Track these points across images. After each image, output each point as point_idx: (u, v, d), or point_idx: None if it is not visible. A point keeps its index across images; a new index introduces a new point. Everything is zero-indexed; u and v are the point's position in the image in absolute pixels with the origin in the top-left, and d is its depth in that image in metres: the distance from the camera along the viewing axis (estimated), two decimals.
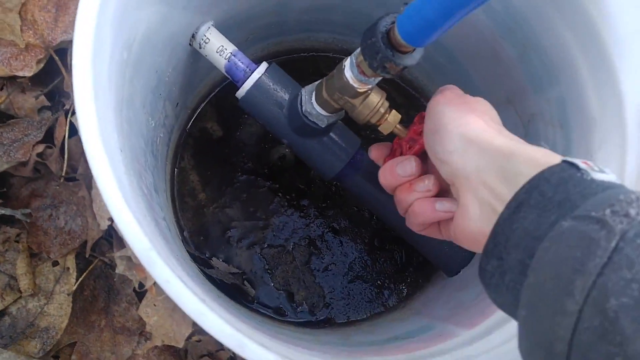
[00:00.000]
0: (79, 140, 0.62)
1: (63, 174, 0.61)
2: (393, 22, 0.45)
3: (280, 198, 0.77)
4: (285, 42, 0.79)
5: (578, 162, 0.35)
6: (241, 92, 0.60)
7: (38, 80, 0.65)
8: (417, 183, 0.49)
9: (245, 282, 0.72)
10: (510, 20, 0.59)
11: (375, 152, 0.57)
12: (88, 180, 0.60)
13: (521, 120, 0.64)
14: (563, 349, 0.28)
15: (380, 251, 0.76)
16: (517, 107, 0.65)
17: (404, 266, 0.76)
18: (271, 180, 0.77)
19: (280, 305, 0.73)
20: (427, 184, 0.49)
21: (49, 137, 0.63)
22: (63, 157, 0.61)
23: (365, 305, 0.74)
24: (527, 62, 0.61)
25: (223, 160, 0.78)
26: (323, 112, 0.58)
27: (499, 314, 0.51)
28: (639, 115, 0.48)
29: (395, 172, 0.51)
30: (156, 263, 0.32)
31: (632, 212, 0.29)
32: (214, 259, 0.72)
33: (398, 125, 0.55)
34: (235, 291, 0.71)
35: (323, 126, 0.59)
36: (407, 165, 0.50)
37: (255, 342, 0.34)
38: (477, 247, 0.41)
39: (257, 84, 0.60)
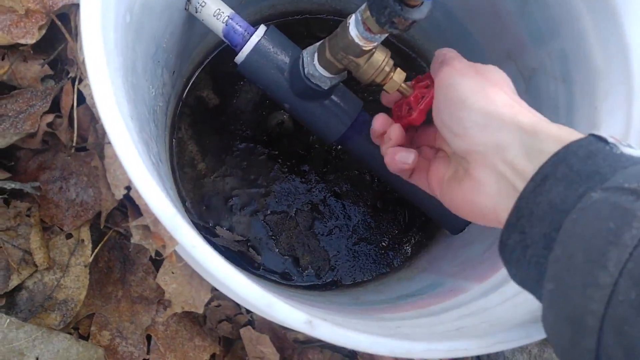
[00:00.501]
0: (88, 109, 0.60)
1: (74, 144, 0.59)
2: None
3: (280, 164, 0.77)
4: (278, 5, 0.78)
5: (606, 136, 0.34)
6: (240, 57, 0.59)
7: (40, 47, 0.63)
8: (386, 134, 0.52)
9: (251, 249, 0.72)
10: None
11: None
12: (100, 150, 0.59)
13: (522, 75, 0.64)
14: (595, 323, 0.27)
15: (383, 213, 0.77)
16: (518, 62, 0.65)
17: (407, 227, 0.77)
18: (270, 147, 0.77)
19: (287, 270, 0.73)
20: (389, 133, 0.52)
21: (55, 107, 0.61)
22: (72, 127, 0.60)
23: (371, 266, 0.75)
24: (528, 16, 0.60)
25: (221, 128, 0.77)
26: (326, 74, 0.57)
27: None
28: None
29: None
30: (182, 227, 0.32)
31: None
32: (217, 227, 0.72)
33: (403, 84, 0.55)
34: (241, 258, 0.71)
35: (326, 88, 0.58)
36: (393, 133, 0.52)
37: (282, 301, 0.34)
38: (481, 221, 0.42)
39: (257, 47, 0.59)
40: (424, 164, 0.51)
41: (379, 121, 0.54)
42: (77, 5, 0.46)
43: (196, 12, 0.58)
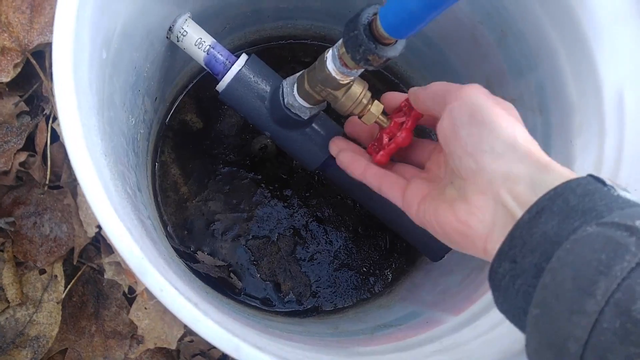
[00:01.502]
0: (61, 146, 0.60)
1: (47, 182, 0.59)
2: (375, 14, 0.45)
3: (263, 189, 0.77)
4: (262, 30, 0.79)
5: (605, 178, 0.35)
6: (221, 86, 0.60)
7: (15, 84, 0.63)
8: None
9: (232, 275, 0.72)
10: (489, 5, 0.59)
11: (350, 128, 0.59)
12: (73, 187, 0.59)
13: None
14: (577, 350, 0.28)
15: (365, 238, 0.77)
16: (497, 92, 0.64)
17: (388, 252, 0.77)
18: (253, 171, 0.77)
19: (268, 296, 0.73)
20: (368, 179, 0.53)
21: (29, 144, 0.61)
22: (45, 164, 0.60)
23: (352, 292, 0.75)
24: (506, 47, 0.61)
25: (204, 152, 0.77)
26: (305, 104, 0.57)
27: (485, 299, 0.52)
28: (617, 102, 0.49)
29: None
30: (148, 272, 0.32)
31: None
32: (199, 252, 0.72)
33: (380, 116, 0.55)
34: (222, 284, 0.71)
35: (305, 118, 0.59)
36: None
37: (249, 344, 0.34)
38: (466, 246, 0.42)
39: (238, 76, 0.59)
40: (400, 180, 0.51)
41: (341, 158, 0.56)
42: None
43: (177, 41, 0.59)
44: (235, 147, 0.78)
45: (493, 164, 0.39)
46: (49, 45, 0.63)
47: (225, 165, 0.77)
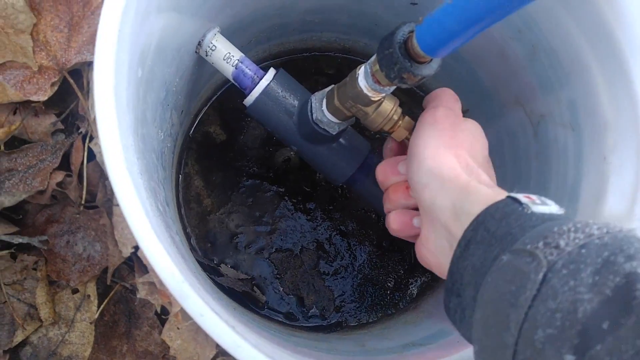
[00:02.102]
0: (97, 166, 0.60)
1: (83, 202, 0.59)
2: (411, 32, 0.45)
3: (286, 202, 0.76)
4: (287, 42, 0.78)
5: (520, 196, 0.36)
6: (249, 100, 0.59)
7: (52, 102, 0.63)
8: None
9: (255, 288, 0.71)
10: (520, 21, 0.58)
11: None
12: (108, 207, 0.59)
13: (530, 121, 0.64)
14: None
15: (389, 252, 0.76)
16: (526, 108, 0.64)
17: (413, 266, 0.76)
18: (277, 184, 0.77)
19: (291, 310, 0.73)
20: (390, 195, 0.52)
21: (64, 162, 0.61)
22: (81, 184, 0.60)
23: (376, 307, 0.74)
24: (537, 63, 0.60)
25: (227, 164, 0.77)
26: (334, 120, 0.57)
27: None
28: None
29: (397, 169, 0.52)
30: (190, 297, 0.32)
31: (562, 243, 0.29)
32: (222, 265, 0.72)
33: (411, 132, 0.55)
34: (246, 298, 0.70)
35: (334, 133, 0.58)
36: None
37: None
38: (439, 273, 0.44)
39: (266, 91, 0.59)
40: None
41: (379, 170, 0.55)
42: (90, 63, 0.46)
43: (206, 56, 0.59)
44: (258, 159, 0.78)
45: (424, 194, 0.42)
46: (86, 63, 0.63)
47: (248, 177, 0.77)
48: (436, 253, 0.42)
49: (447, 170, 0.41)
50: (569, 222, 0.32)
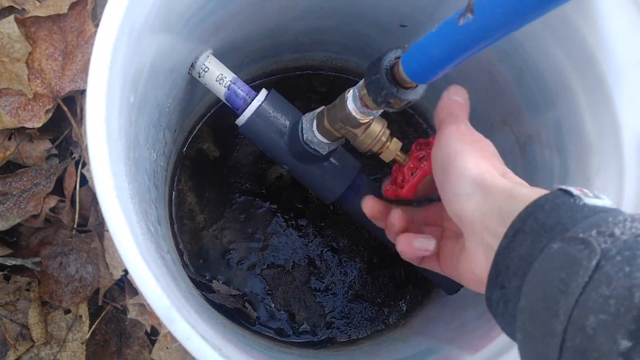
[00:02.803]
0: (89, 190, 0.61)
1: (75, 226, 0.60)
2: (397, 58, 0.46)
3: (278, 218, 0.77)
4: (280, 62, 0.80)
5: (572, 189, 0.36)
6: (241, 120, 0.60)
7: (46, 128, 0.65)
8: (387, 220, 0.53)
9: (247, 304, 0.72)
10: (507, 44, 0.60)
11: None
12: (100, 230, 0.60)
13: (517, 142, 0.65)
14: None
15: (380, 269, 0.77)
16: (514, 129, 0.66)
17: (403, 283, 0.77)
18: (269, 201, 0.78)
19: (282, 326, 0.73)
20: (392, 220, 0.52)
21: (58, 186, 0.63)
22: (74, 208, 0.61)
23: (366, 323, 0.75)
24: (523, 85, 0.61)
25: (220, 181, 0.78)
26: (324, 140, 0.58)
27: (504, 338, 0.52)
28: (636, 144, 0.49)
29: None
30: (176, 321, 0.32)
31: (617, 231, 0.29)
32: (214, 281, 0.73)
33: (399, 153, 0.56)
34: (237, 314, 0.71)
35: (324, 153, 0.59)
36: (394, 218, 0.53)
37: None
38: (481, 289, 0.42)
39: (257, 111, 0.60)
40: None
41: (368, 205, 0.56)
42: (83, 91, 0.47)
43: (199, 77, 0.60)
44: (251, 176, 0.79)
45: (467, 206, 0.41)
46: (79, 91, 0.65)
47: (241, 194, 0.78)
48: (485, 265, 0.40)
49: (490, 177, 0.41)
50: (624, 213, 0.31)
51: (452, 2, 0.60)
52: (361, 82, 0.49)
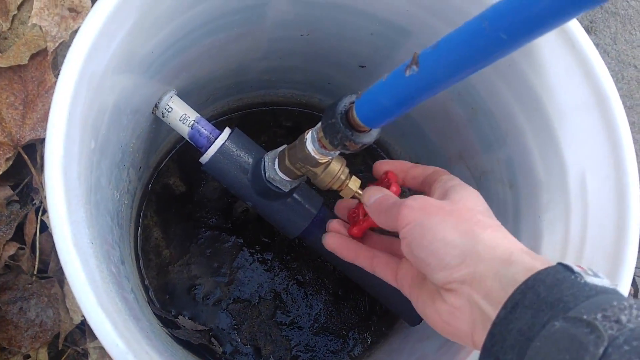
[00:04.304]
0: (50, 236, 0.62)
1: (35, 272, 0.60)
2: (352, 103, 0.48)
3: (244, 252, 0.78)
4: (246, 98, 0.81)
5: (572, 265, 0.36)
6: (205, 158, 0.62)
7: (7, 175, 0.65)
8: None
9: (213, 340, 0.72)
10: (460, 85, 0.62)
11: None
12: (60, 276, 0.60)
13: (473, 176, 0.68)
14: None
15: (345, 301, 0.78)
16: (469, 164, 0.68)
17: (367, 315, 0.78)
18: (235, 235, 0.78)
19: None
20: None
21: (18, 231, 0.63)
22: (34, 254, 0.61)
23: (331, 356, 0.76)
24: (477, 123, 0.64)
25: (186, 215, 0.79)
26: (286, 178, 0.60)
27: None
28: (580, 183, 0.52)
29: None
30: None
31: (624, 318, 0.29)
32: (180, 317, 0.73)
33: (358, 190, 0.58)
34: (203, 350, 0.71)
35: (286, 191, 0.61)
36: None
37: None
38: (454, 340, 0.43)
39: (221, 150, 0.61)
40: (391, 261, 0.52)
41: (329, 243, 0.57)
42: (44, 140, 0.48)
43: (162, 117, 0.61)
44: (217, 210, 0.80)
45: (459, 270, 0.40)
46: (40, 140, 0.66)
47: (207, 228, 0.78)
48: (471, 322, 0.40)
49: (483, 240, 0.40)
50: (628, 298, 0.32)
51: (407, 45, 0.63)
52: (319, 124, 0.51)
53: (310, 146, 0.53)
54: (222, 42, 0.62)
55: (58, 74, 0.39)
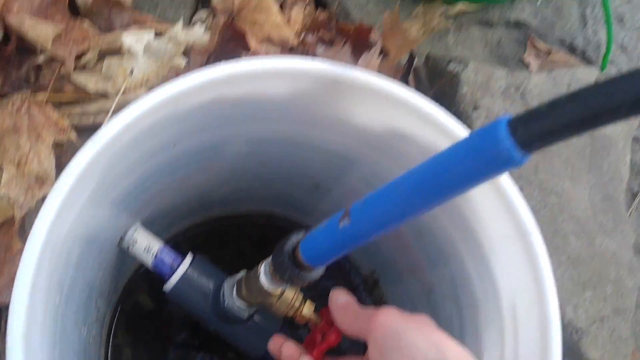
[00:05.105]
0: None
1: None
2: (299, 241, 0.52)
3: None
4: (210, 215, 0.86)
5: None
6: (168, 287, 0.65)
7: None
8: None
9: None
10: None
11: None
12: None
13: (422, 290, 0.72)
14: None
15: None
16: (419, 277, 0.73)
17: None
18: (202, 351, 0.81)
19: None
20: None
21: None
22: None
23: None
24: (422, 243, 0.69)
25: (155, 334, 0.81)
26: (243, 306, 0.63)
27: None
28: (511, 307, 0.56)
29: None
30: None
31: None
32: None
33: (312, 316, 0.61)
34: None
35: (245, 317, 0.64)
36: None
37: None
38: None
39: (183, 278, 0.65)
40: None
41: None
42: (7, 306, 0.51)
43: (128, 249, 0.65)
44: (185, 326, 0.82)
45: None
46: (5, 305, 0.69)
47: (176, 346, 0.81)
48: None
49: (450, 352, 0.43)
50: None
51: (355, 172, 0.69)
52: (270, 258, 0.55)
53: (263, 279, 0.57)
54: (184, 177, 0.67)
55: (25, 239, 0.43)
